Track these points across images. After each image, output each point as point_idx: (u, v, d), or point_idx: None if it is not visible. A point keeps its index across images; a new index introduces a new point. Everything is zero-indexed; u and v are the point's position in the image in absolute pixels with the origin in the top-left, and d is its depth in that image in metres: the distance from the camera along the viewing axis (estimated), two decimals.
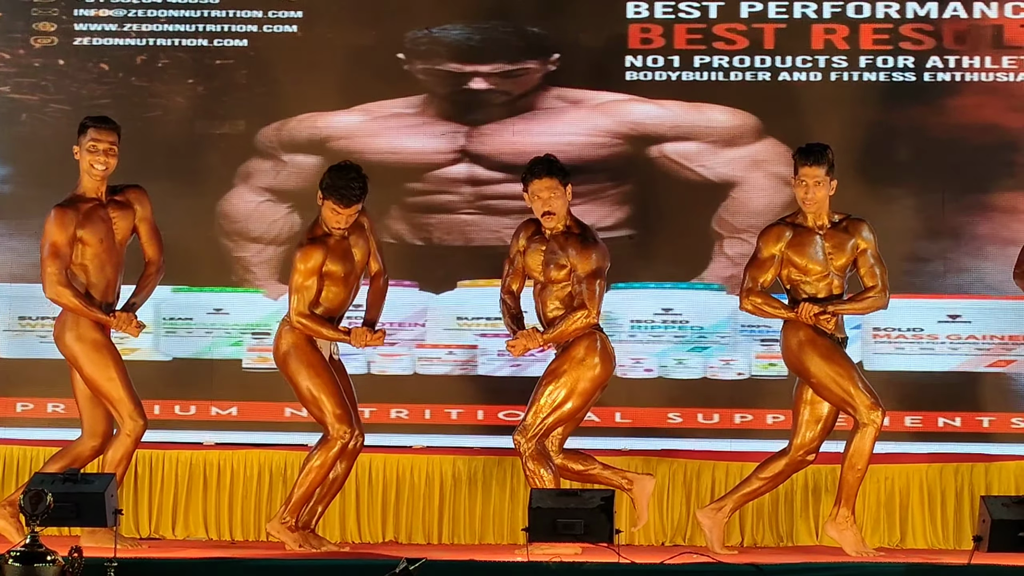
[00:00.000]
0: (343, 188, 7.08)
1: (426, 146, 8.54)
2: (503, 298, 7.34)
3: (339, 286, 7.18)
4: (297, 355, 7.18)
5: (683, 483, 8.22)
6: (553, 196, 7.08)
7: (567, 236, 7.15)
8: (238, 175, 8.56)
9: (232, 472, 8.31)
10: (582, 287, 7.06)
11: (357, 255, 7.24)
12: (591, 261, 7.09)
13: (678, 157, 8.49)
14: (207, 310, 8.51)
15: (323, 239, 7.16)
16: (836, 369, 7.16)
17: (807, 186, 7.16)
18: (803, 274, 7.22)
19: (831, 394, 7.17)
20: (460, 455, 8.31)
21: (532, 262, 7.22)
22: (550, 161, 7.16)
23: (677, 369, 8.44)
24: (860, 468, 7.13)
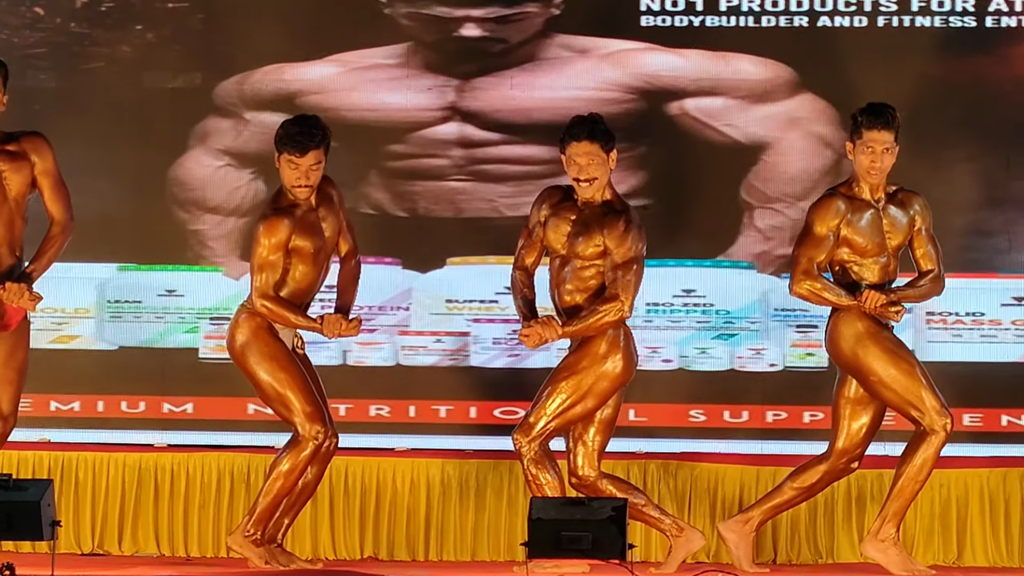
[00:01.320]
0: (298, 134, 7.08)
1: (410, 102, 8.53)
2: (514, 275, 7.34)
3: (308, 265, 7.19)
4: (257, 346, 7.17)
5: (706, 491, 8.25)
6: (592, 163, 7.10)
7: (606, 211, 7.16)
8: (194, 136, 8.58)
9: (187, 478, 8.34)
10: (617, 275, 7.07)
11: (327, 230, 7.25)
12: (631, 245, 7.11)
13: (701, 115, 8.51)
14: (158, 291, 8.53)
15: (289, 209, 7.17)
16: (903, 367, 7.19)
17: (875, 153, 7.15)
18: (858, 255, 7.24)
19: (894, 396, 7.19)
20: (450, 458, 8.35)
21: (555, 234, 7.21)
22: (593, 123, 7.17)
23: (700, 360, 8.47)
24: (921, 481, 7.16)
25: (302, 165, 7.11)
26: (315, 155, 7.13)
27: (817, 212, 7.24)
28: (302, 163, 7.10)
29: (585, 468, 7.20)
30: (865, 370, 7.21)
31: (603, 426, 7.22)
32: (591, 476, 7.19)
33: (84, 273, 8.41)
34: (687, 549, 7.27)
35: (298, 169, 7.11)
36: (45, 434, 8.35)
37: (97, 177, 8.31)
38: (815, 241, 7.21)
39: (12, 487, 6.42)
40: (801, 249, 7.24)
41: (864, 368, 7.22)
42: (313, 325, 7.17)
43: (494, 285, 8.44)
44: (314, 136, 7.12)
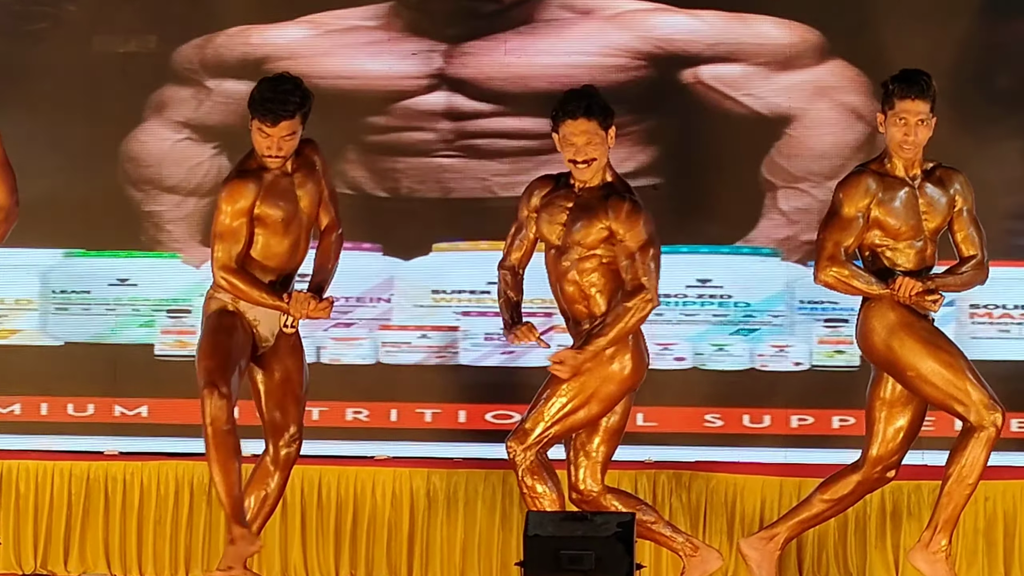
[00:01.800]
0: (271, 100, 6.96)
1: (392, 69, 8.51)
2: (501, 274, 7.26)
3: (276, 235, 7.05)
4: (207, 321, 7.12)
5: (724, 505, 8.22)
6: (590, 143, 6.99)
7: (606, 193, 7.03)
8: (149, 106, 8.55)
9: (142, 489, 8.29)
10: (635, 261, 6.94)
11: (304, 200, 7.11)
12: (645, 228, 6.98)
13: (718, 84, 8.47)
14: (109, 281, 8.51)
15: (257, 173, 7.06)
16: (943, 359, 7.05)
17: (908, 125, 7.03)
18: (891, 238, 7.09)
19: (936, 391, 7.06)
20: (436, 467, 8.32)
21: (549, 225, 7.09)
22: (589, 96, 7.04)
23: (717, 357, 8.45)
24: (971, 483, 7.01)
25: (273, 135, 6.99)
26: (288, 125, 6.97)
27: (845, 191, 7.11)
28: (273, 133, 6.98)
29: (587, 481, 7.12)
30: (901, 364, 7.09)
31: (609, 435, 7.11)
32: (594, 491, 7.11)
33: (26, 260, 8.41)
34: (702, 570, 7.15)
35: (268, 139, 7.00)
36: None
37: (40, 152, 8.26)
38: (843, 223, 7.08)
39: None
40: (827, 232, 7.10)
41: (899, 362, 7.09)
42: (279, 304, 7.02)
43: (486, 274, 8.19)
44: (288, 104, 6.97)
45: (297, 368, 7.18)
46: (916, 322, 7.07)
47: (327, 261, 7.25)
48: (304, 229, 7.15)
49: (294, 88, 7.01)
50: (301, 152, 7.13)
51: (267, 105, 6.93)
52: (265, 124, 6.94)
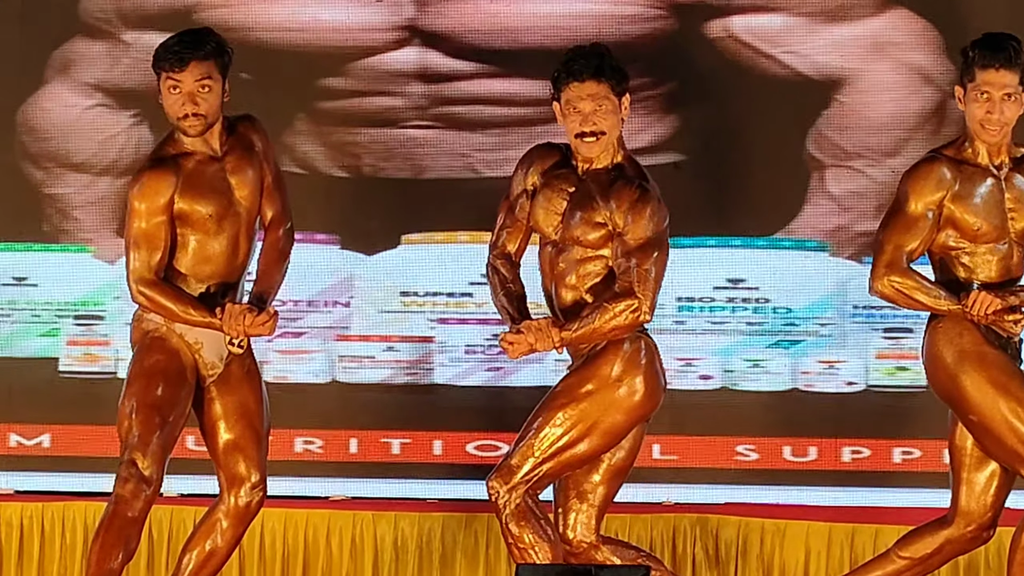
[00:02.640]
0: (176, 43, 6.76)
1: (352, 19, 8.41)
2: (493, 264, 6.98)
3: (207, 235, 6.86)
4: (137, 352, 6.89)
5: (759, 556, 8.11)
6: (600, 110, 6.74)
7: (613, 177, 6.79)
8: (52, 65, 8.48)
9: (43, 536, 8.21)
10: (631, 263, 6.69)
11: (240, 189, 6.89)
12: (650, 223, 6.72)
13: (753, 39, 8.38)
14: (3, 280, 8.44)
15: (174, 160, 6.86)
16: (1013, 404, 6.78)
17: (991, 100, 6.74)
18: (969, 240, 6.82)
19: (999, 443, 6.79)
20: (405, 511, 8.22)
21: (545, 212, 6.85)
22: (600, 56, 6.81)
23: (752, 375, 8.33)
24: None
25: (184, 83, 6.73)
26: (201, 68, 6.75)
27: (912, 182, 6.85)
28: (184, 80, 6.72)
29: (579, 530, 6.85)
30: (965, 404, 6.83)
31: (611, 474, 6.82)
32: (586, 541, 6.84)
33: None
34: None
35: (180, 91, 6.75)
36: None
37: None
38: (907, 222, 6.84)
39: None
40: (887, 232, 6.85)
41: (964, 401, 6.83)
42: (209, 320, 6.80)
43: (467, 272, 8.34)
44: (200, 45, 6.79)
45: (255, 399, 7.01)
46: (992, 353, 6.82)
47: (272, 265, 7.05)
48: (244, 224, 6.93)
49: (207, 33, 6.88)
50: (234, 130, 6.99)
51: (172, 48, 6.78)
52: (173, 71, 6.75)
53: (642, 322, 6.74)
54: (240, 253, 6.93)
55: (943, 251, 6.87)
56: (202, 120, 6.79)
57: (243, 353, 6.93)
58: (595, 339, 6.77)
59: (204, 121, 6.81)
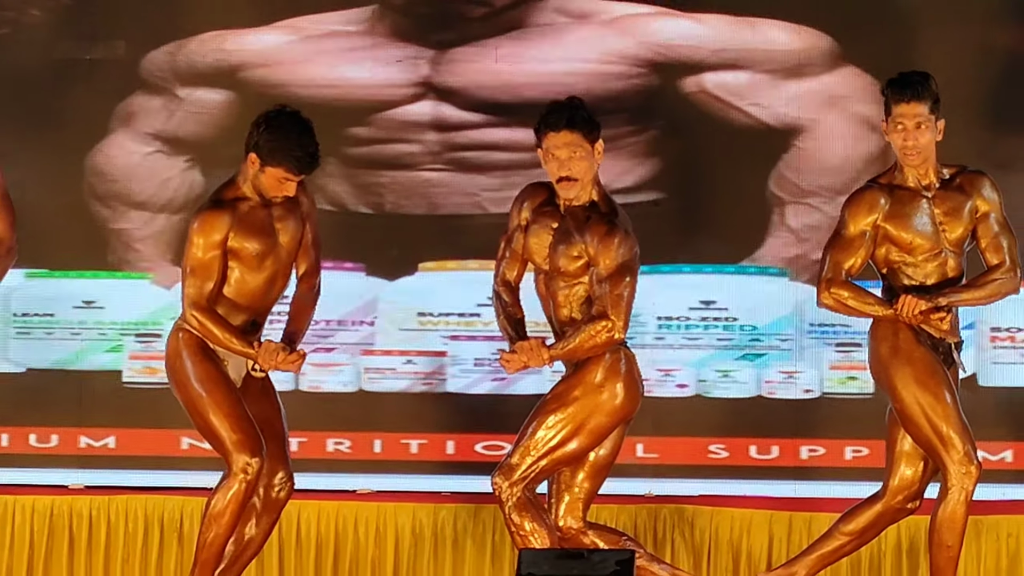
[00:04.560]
0: (308, 155, 7.03)
1: (376, 77, 8.58)
2: (496, 290, 7.24)
3: (251, 270, 7.14)
4: (187, 364, 7.15)
5: (729, 542, 8.30)
6: (575, 156, 7.00)
7: (589, 214, 7.06)
8: (116, 117, 8.61)
9: (109, 525, 8.37)
10: (604, 288, 6.97)
11: (283, 235, 7.19)
12: (617, 253, 7.00)
13: (723, 93, 8.54)
14: (74, 303, 8.56)
15: (232, 203, 7.12)
16: (929, 399, 7.10)
17: (906, 129, 7.12)
18: (907, 253, 7.18)
19: (917, 431, 7.10)
20: (422, 503, 8.38)
21: (537, 244, 7.13)
22: (572, 108, 7.05)
23: (722, 384, 8.52)
24: (952, 545, 7.09)
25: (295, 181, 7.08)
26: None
27: (849, 208, 7.22)
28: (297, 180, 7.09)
29: (567, 518, 7.16)
30: (891, 395, 7.16)
31: (595, 470, 7.15)
32: (574, 527, 7.15)
33: None
34: None
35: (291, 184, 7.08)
36: None
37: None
38: (844, 242, 7.19)
39: None
40: (830, 252, 7.22)
41: (891, 392, 7.17)
42: (247, 351, 7.08)
43: (476, 295, 8.44)
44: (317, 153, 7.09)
45: (275, 409, 7.23)
46: (920, 352, 7.09)
47: (303, 311, 7.26)
48: (282, 265, 7.17)
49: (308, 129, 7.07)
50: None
51: (303, 160, 7.03)
52: (291, 173, 7.02)
53: (616, 339, 6.92)
54: (275, 289, 7.19)
55: (887, 264, 7.16)
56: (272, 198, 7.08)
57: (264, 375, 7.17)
58: (578, 355, 6.97)
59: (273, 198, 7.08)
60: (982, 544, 8.21)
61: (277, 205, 7.15)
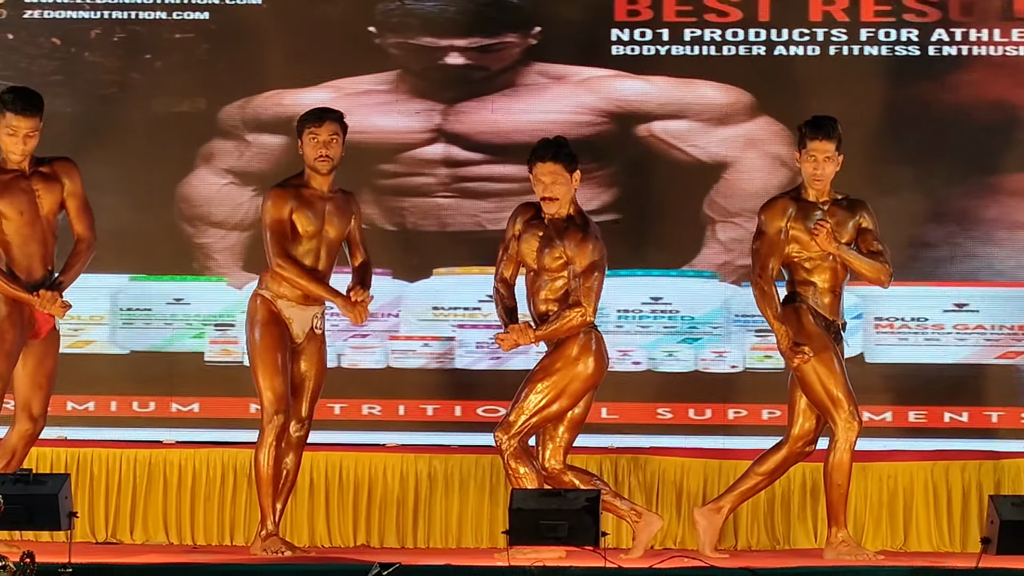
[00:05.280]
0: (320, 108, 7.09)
1: (399, 125, 8.53)
2: (495, 286, 7.26)
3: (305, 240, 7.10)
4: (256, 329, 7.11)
5: (672, 483, 8.22)
6: (556, 182, 7.04)
7: (567, 225, 7.09)
8: (199, 156, 8.56)
9: (194, 472, 8.29)
10: (578, 282, 7.02)
11: (330, 223, 7.13)
12: (589, 254, 7.04)
13: (667, 136, 8.49)
14: (166, 300, 8.49)
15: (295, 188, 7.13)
16: (822, 370, 7.11)
17: (816, 161, 7.13)
18: (806, 250, 7.15)
19: (813, 394, 7.13)
20: (436, 453, 8.28)
21: (527, 248, 7.16)
22: (558, 144, 7.09)
23: (667, 362, 8.45)
24: (841, 483, 7.10)
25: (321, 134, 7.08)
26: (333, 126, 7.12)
27: (766, 212, 7.22)
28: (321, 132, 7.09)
29: (552, 461, 7.15)
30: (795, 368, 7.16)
31: (572, 424, 7.17)
32: (556, 468, 7.15)
33: (98, 283, 8.29)
34: (648, 532, 7.20)
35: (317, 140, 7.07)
36: (62, 432, 8.25)
37: (110, 194, 8.23)
38: (768, 241, 7.17)
39: (32, 481, 6.35)
40: (759, 251, 7.19)
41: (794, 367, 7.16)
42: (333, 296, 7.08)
43: (477, 293, 8.39)
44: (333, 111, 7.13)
45: (319, 367, 7.16)
46: (815, 332, 7.11)
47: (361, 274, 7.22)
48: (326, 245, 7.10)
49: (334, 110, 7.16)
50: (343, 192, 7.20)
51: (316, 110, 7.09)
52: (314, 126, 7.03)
53: (588, 322, 6.98)
54: (320, 263, 7.08)
55: (789, 260, 7.16)
56: (330, 161, 7.05)
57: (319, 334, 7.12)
58: (558, 335, 7.03)
59: (331, 163, 7.05)
60: (868, 484, 8.12)
61: (331, 200, 7.15)
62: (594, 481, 7.19)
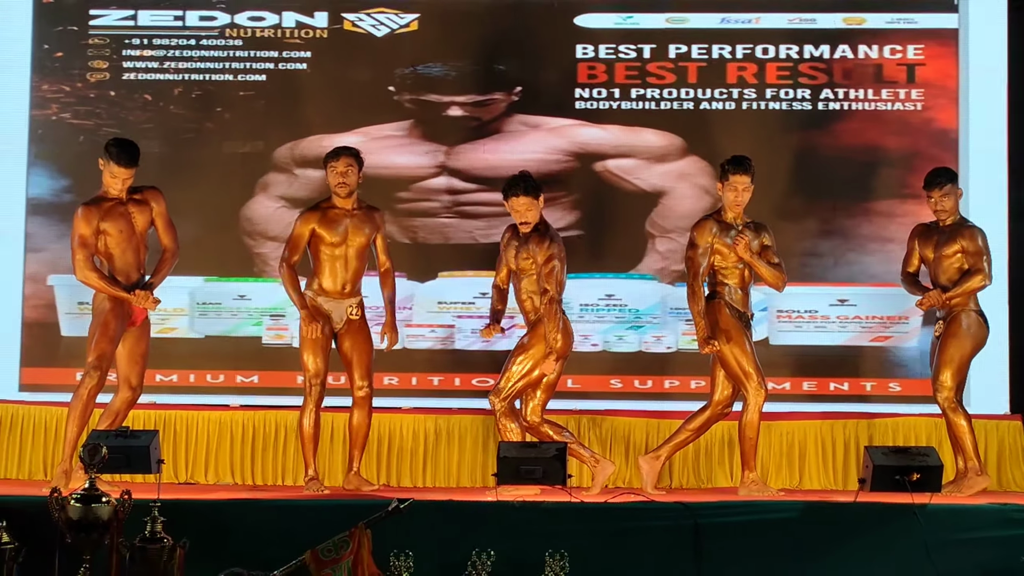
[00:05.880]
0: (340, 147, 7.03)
1: (412, 162, 8.48)
2: (493, 286, 7.21)
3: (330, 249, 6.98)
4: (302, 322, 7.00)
5: (623, 437, 8.20)
6: (529, 209, 6.96)
7: (533, 234, 7.03)
8: (258, 186, 8.52)
9: (254, 429, 8.24)
10: (542, 272, 6.92)
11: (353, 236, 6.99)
12: (545, 250, 6.93)
13: (618, 171, 8.47)
14: (233, 296, 8.44)
15: (321, 209, 7.08)
16: (736, 350, 7.05)
17: (737, 191, 7.03)
18: (725, 260, 7.05)
19: (729, 368, 7.08)
20: (441, 415, 8.23)
21: (509, 256, 7.10)
22: (526, 181, 6.98)
23: (618, 344, 8.40)
24: (752, 437, 7.04)
25: (339, 166, 7.00)
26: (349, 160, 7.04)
27: (697, 230, 7.12)
28: (339, 164, 6.99)
29: (532, 416, 7.08)
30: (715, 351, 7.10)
31: (547, 386, 7.09)
32: (536, 421, 7.10)
33: (180, 283, 8.22)
34: (604, 474, 7.13)
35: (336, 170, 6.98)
36: (152, 398, 8.15)
37: (190, 215, 8.13)
38: (697, 254, 7.06)
39: (129, 436, 6.35)
40: (689, 261, 7.09)
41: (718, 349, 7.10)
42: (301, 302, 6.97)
43: (473, 292, 8.37)
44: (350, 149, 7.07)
45: (364, 342, 7.00)
46: (731, 322, 7.04)
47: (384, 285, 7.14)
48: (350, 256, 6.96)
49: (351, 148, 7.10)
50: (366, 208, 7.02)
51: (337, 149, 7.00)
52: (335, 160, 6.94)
53: (555, 299, 6.85)
54: (349, 270, 6.97)
55: (711, 267, 7.07)
56: (346, 187, 6.96)
57: (359, 317, 7.01)
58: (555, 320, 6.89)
59: (348, 188, 6.97)
60: (772, 438, 8.09)
61: (354, 217, 7.03)
62: (563, 433, 7.12)
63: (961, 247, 7.07)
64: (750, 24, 8.40)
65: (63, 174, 8.43)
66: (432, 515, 5.86)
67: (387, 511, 5.57)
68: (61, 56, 8.48)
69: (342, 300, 7.08)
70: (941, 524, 5.84)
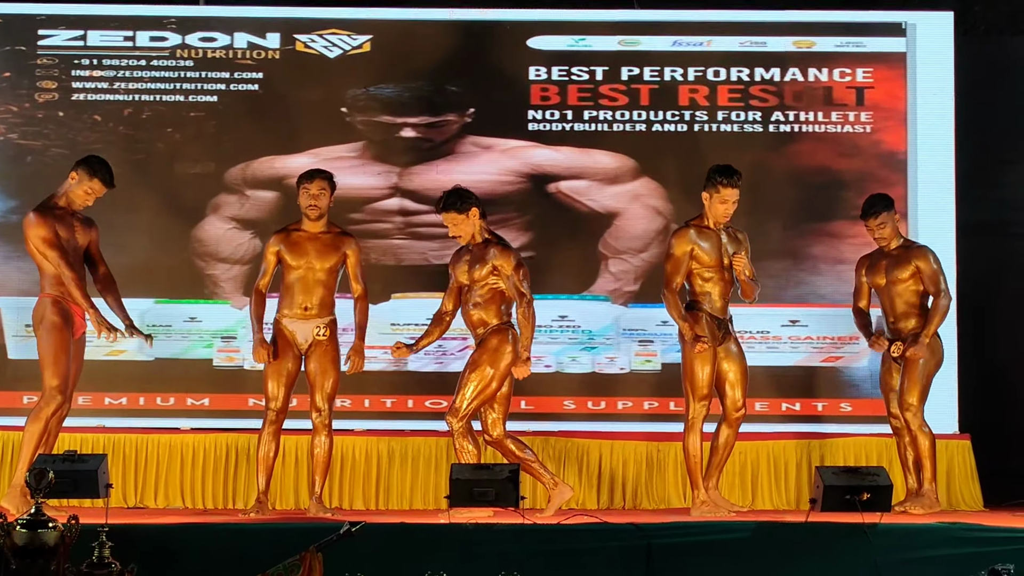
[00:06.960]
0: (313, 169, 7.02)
1: (365, 183, 8.47)
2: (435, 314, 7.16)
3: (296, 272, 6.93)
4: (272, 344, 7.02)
5: (575, 458, 8.21)
6: (455, 224, 6.91)
7: (487, 244, 6.93)
8: (209, 207, 8.48)
9: (204, 452, 8.21)
10: (513, 281, 6.83)
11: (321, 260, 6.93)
12: (512, 258, 6.89)
13: (571, 192, 8.49)
14: (183, 318, 8.41)
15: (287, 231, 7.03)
16: (698, 366, 7.02)
17: (727, 203, 6.95)
18: (704, 267, 6.97)
19: (686, 379, 7.03)
20: (394, 436, 8.23)
21: (458, 271, 7.03)
22: (449, 196, 6.89)
23: (571, 365, 8.43)
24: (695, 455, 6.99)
25: (311, 188, 6.96)
26: (321, 183, 6.98)
27: (676, 238, 7.03)
28: (312, 187, 6.96)
29: (494, 431, 7.01)
30: (685, 369, 7.03)
31: (502, 399, 7.03)
32: (499, 435, 7.02)
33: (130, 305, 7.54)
34: (560, 498, 7.07)
35: (309, 193, 6.94)
36: (101, 421, 8.20)
37: (140, 237, 8.22)
38: (676, 261, 6.99)
39: (76, 460, 6.29)
40: (668, 267, 7.00)
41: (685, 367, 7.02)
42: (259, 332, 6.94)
43: (426, 313, 7.98)
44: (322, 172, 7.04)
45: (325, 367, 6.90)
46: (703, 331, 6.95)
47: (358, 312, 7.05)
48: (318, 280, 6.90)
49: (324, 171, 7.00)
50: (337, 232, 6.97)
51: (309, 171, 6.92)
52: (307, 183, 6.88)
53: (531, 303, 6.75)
54: (311, 293, 6.86)
55: (690, 273, 7.00)
56: (317, 209, 6.89)
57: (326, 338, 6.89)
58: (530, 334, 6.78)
59: (318, 211, 6.90)
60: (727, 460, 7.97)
61: (322, 240, 6.94)
62: (525, 451, 7.06)
63: (916, 268, 7.08)
64: (702, 47, 8.45)
65: (10, 195, 8.38)
66: (384, 538, 5.82)
67: (339, 534, 5.52)
68: (9, 76, 8.45)
69: (307, 321, 7.00)
70: (891, 543, 5.86)
